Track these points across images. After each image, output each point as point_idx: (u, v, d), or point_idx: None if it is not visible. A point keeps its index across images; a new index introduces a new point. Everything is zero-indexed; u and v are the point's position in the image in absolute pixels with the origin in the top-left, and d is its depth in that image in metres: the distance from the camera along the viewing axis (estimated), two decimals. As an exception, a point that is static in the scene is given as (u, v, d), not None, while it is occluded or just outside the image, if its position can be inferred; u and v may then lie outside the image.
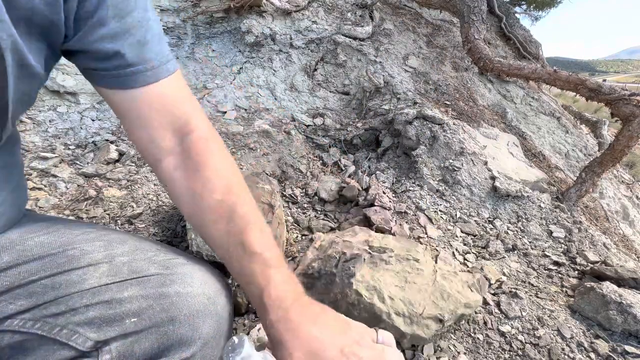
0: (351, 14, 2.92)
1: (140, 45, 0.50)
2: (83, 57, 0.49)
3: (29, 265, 0.47)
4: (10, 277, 0.45)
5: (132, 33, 0.49)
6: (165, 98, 0.53)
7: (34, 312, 0.44)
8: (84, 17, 0.46)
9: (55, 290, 0.45)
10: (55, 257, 0.48)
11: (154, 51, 0.52)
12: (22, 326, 0.43)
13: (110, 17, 0.47)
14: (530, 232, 1.67)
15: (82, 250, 0.49)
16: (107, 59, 0.49)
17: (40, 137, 1.83)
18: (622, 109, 1.82)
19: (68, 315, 0.44)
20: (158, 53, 0.53)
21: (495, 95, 2.87)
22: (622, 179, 2.99)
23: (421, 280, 1.06)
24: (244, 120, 2.19)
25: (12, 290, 0.45)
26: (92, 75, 0.52)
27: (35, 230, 0.51)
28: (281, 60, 2.52)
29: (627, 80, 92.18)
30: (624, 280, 1.29)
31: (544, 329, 1.13)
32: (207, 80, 2.40)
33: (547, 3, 5.26)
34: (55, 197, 1.53)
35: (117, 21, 0.48)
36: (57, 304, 0.45)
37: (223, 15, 2.59)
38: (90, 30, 0.47)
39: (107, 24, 0.47)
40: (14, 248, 0.48)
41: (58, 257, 0.48)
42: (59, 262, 0.47)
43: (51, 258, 0.48)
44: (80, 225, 0.56)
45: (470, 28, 2.66)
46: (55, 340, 0.43)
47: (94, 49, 0.48)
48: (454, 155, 1.89)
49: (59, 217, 1.07)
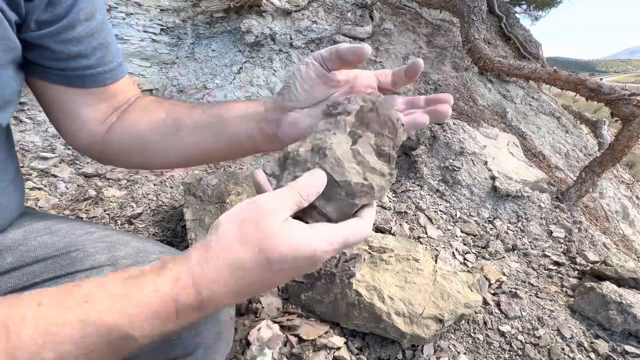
0: (351, 14, 2.92)
1: (103, 47, 0.51)
2: (41, 53, 0.47)
3: (33, 267, 0.46)
4: (15, 279, 0.45)
5: (95, 36, 0.50)
6: (118, 95, 0.55)
7: None
8: (54, 19, 0.45)
9: None
10: (58, 259, 0.48)
11: (113, 53, 0.53)
12: None
13: (81, 20, 0.47)
14: (530, 232, 1.67)
15: (85, 252, 0.49)
16: (70, 60, 0.49)
17: (40, 137, 1.82)
18: (622, 109, 1.82)
19: None
20: (116, 55, 0.54)
21: (495, 95, 2.87)
22: (622, 178, 2.99)
23: (421, 280, 1.06)
24: (244, 120, 2.19)
25: (15, 292, 0.45)
26: (41, 71, 0.49)
27: (37, 230, 0.51)
28: (281, 60, 2.52)
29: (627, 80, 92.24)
30: (624, 280, 1.29)
31: (544, 329, 1.13)
32: (207, 80, 2.40)
33: (547, 3, 5.26)
34: (55, 197, 1.53)
35: (84, 24, 0.48)
36: None
37: (223, 15, 2.58)
38: (58, 31, 0.46)
39: (76, 28, 0.47)
40: (17, 249, 0.47)
41: (61, 259, 0.48)
42: (62, 264, 0.47)
43: (54, 260, 0.48)
44: (82, 224, 0.56)
45: (470, 28, 2.65)
46: None
47: (59, 49, 0.47)
48: (454, 155, 1.89)
49: (61, 216, 1.07)
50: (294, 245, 0.33)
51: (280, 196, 0.35)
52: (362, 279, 1.03)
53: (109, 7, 2.18)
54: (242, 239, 0.32)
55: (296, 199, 0.35)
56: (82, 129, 0.54)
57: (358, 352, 0.99)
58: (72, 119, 0.53)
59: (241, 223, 0.33)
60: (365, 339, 1.02)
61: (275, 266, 0.33)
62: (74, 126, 0.54)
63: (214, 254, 0.32)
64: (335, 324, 1.03)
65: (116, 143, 0.55)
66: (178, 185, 1.73)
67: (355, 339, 1.02)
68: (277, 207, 0.34)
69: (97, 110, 0.53)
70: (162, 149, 0.54)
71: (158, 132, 0.53)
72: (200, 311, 0.33)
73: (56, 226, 0.52)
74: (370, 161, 0.40)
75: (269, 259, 0.32)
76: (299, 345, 0.95)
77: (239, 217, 0.34)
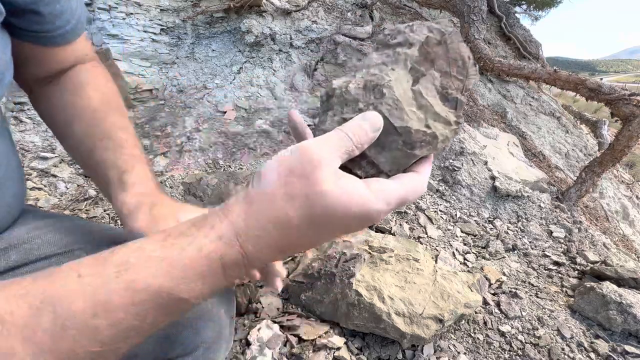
0: (351, 14, 2.92)
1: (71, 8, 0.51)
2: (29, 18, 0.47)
3: (36, 265, 0.46)
4: (19, 276, 0.45)
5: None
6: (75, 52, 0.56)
7: None
8: None
9: None
10: (61, 257, 0.48)
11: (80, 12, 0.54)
12: None
13: None
14: (530, 232, 1.67)
15: (88, 252, 0.49)
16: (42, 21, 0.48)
17: (40, 137, 1.82)
18: (622, 109, 1.82)
19: None
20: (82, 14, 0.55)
21: (495, 95, 2.87)
22: (622, 178, 2.99)
23: (421, 280, 1.06)
24: (244, 120, 2.19)
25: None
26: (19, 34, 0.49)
27: (41, 227, 0.51)
28: (281, 60, 2.52)
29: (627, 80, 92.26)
30: (624, 280, 1.29)
31: (544, 329, 1.13)
32: (207, 80, 2.40)
33: (547, 3, 5.26)
34: (55, 197, 1.53)
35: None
36: None
37: (223, 15, 2.59)
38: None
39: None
40: (21, 246, 0.47)
41: (64, 257, 0.48)
42: (66, 263, 0.47)
43: (58, 258, 0.48)
44: (84, 223, 0.56)
45: (470, 28, 2.65)
46: None
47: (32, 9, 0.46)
48: (454, 155, 1.89)
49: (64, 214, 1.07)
50: (347, 203, 0.29)
51: (329, 142, 0.30)
52: (362, 279, 1.03)
53: (108, 7, 2.18)
54: (288, 194, 0.29)
55: (347, 146, 0.31)
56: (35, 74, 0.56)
57: (358, 352, 0.99)
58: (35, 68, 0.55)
59: (287, 174, 0.29)
60: (365, 339, 1.02)
61: (325, 225, 0.30)
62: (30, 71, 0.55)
63: (257, 209, 0.29)
64: (335, 324, 1.03)
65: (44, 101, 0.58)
66: (178, 185, 1.73)
67: (355, 339, 1.02)
68: (327, 156, 0.30)
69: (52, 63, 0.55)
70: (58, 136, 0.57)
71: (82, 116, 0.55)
72: (248, 267, 0.31)
73: (59, 224, 0.53)
74: (434, 105, 0.34)
75: (319, 217, 0.29)
76: (298, 346, 0.95)
77: (284, 166, 0.30)
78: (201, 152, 1.97)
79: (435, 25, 0.36)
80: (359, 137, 0.31)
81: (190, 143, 1.99)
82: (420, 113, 0.33)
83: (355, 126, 0.31)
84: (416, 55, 0.34)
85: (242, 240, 0.29)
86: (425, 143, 0.34)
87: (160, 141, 2.04)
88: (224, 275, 0.30)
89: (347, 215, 0.29)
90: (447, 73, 0.35)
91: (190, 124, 2.15)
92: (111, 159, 0.52)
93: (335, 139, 0.31)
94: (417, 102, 0.33)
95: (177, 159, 1.91)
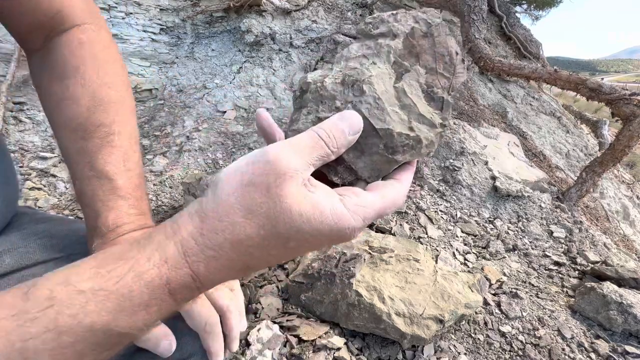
0: (351, 13, 2.92)
1: None
2: None
3: (32, 270, 0.45)
4: (15, 280, 0.44)
5: None
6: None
7: None
8: None
9: None
10: (59, 262, 0.47)
11: None
12: None
13: None
14: (531, 232, 1.67)
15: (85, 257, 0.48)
16: None
17: (40, 137, 1.82)
18: (623, 109, 1.82)
19: None
20: None
21: (495, 95, 2.87)
22: (623, 178, 2.99)
23: (421, 281, 1.06)
24: (243, 120, 2.19)
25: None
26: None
27: (36, 231, 0.50)
28: (281, 59, 2.52)
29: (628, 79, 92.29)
30: (624, 280, 1.29)
31: (544, 329, 1.13)
32: (206, 79, 2.40)
33: (548, 2, 5.25)
34: (55, 197, 1.53)
35: None
36: None
37: (223, 15, 2.58)
38: None
39: None
40: (15, 250, 0.46)
41: (62, 262, 0.46)
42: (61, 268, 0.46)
43: (55, 262, 0.47)
44: (82, 227, 0.55)
45: (470, 27, 2.65)
46: None
47: None
48: (454, 155, 1.89)
49: (59, 216, 1.07)
50: (318, 220, 0.25)
51: (300, 147, 0.26)
52: (362, 279, 1.03)
53: (108, 7, 2.18)
54: (248, 210, 0.25)
55: (321, 151, 0.27)
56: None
57: (358, 352, 0.99)
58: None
59: (247, 187, 0.25)
60: (365, 340, 1.02)
61: (292, 243, 0.26)
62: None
63: (211, 227, 0.25)
64: (335, 325, 1.03)
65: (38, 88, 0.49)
66: (177, 185, 1.73)
67: (356, 339, 1.02)
68: (295, 165, 0.25)
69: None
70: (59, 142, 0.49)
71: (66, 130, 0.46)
72: (202, 289, 0.27)
73: (56, 228, 0.51)
74: (419, 105, 0.31)
75: (284, 235, 0.26)
76: (298, 346, 0.95)
77: (244, 177, 0.26)
78: (201, 151, 1.97)
79: (421, 14, 0.33)
80: (336, 140, 0.27)
81: (190, 143, 1.99)
82: (403, 114, 0.30)
83: (331, 127, 0.28)
84: (400, 48, 0.31)
85: (192, 260, 0.25)
86: (408, 147, 0.31)
87: (159, 141, 2.04)
88: (173, 300, 0.26)
89: (317, 233, 0.26)
90: (433, 69, 0.32)
91: (190, 123, 2.15)
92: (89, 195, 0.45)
93: (308, 143, 0.27)
94: (400, 102, 0.30)
95: (177, 159, 1.91)
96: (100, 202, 0.44)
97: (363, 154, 0.30)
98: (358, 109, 0.29)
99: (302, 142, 0.27)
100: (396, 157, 0.30)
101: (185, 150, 1.95)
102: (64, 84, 0.46)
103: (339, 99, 0.30)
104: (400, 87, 0.31)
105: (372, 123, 0.29)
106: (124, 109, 0.48)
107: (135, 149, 0.48)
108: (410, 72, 0.31)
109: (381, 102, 0.29)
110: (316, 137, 0.27)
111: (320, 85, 0.31)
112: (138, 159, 0.48)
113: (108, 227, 0.43)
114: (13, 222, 0.51)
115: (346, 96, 0.30)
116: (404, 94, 0.31)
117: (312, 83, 0.31)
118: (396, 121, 0.30)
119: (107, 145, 0.45)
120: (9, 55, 1.93)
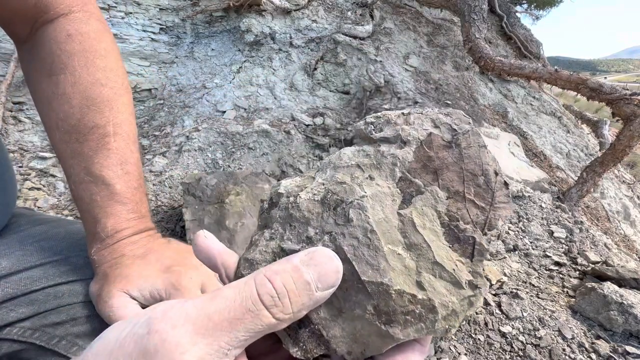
0: (351, 13, 2.92)
1: None
2: None
3: (30, 273, 0.45)
4: (12, 283, 0.44)
5: None
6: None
7: (34, 320, 0.43)
8: None
9: (58, 299, 0.44)
10: (57, 265, 0.46)
11: None
12: (20, 335, 0.42)
13: None
14: (532, 232, 1.66)
15: (86, 259, 0.47)
16: None
17: (39, 137, 1.82)
18: (624, 109, 1.82)
19: (68, 325, 0.43)
20: None
21: (496, 95, 2.87)
22: (624, 178, 2.98)
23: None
24: (243, 119, 2.19)
25: (15, 298, 0.43)
26: None
27: (34, 233, 0.49)
28: (281, 59, 2.51)
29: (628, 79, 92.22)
30: (625, 281, 1.28)
31: (545, 330, 1.12)
32: (206, 79, 2.39)
33: (548, 2, 5.25)
34: (54, 197, 1.53)
35: None
36: (57, 312, 0.43)
37: (222, 14, 2.58)
38: None
39: None
40: (13, 254, 0.46)
41: (60, 265, 0.46)
42: (62, 270, 0.46)
43: (53, 265, 0.46)
44: (79, 229, 0.54)
45: (471, 27, 2.65)
46: (53, 352, 0.42)
47: None
48: (454, 155, 1.89)
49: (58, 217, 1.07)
50: None
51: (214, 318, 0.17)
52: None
53: (107, 6, 2.18)
54: None
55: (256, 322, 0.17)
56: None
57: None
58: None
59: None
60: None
61: None
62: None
63: None
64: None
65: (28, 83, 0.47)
66: (177, 186, 1.73)
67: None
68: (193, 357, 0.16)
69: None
70: (53, 143, 0.47)
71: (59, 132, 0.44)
72: None
73: (54, 230, 0.51)
74: (435, 248, 0.21)
75: None
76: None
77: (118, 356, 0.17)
78: (200, 151, 1.97)
79: (443, 117, 0.24)
80: (290, 300, 0.18)
81: (190, 143, 1.99)
82: (409, 259, 0.21)
83: (287, 276, 0.18)
84: (411, 160, 0.23)
85: None
86: (413, 317, 0.20)
87: (159, 141, 2.04)
88: None
89: None
90: (460, 194, 0.23)
91: (190, 123, 2.15)
92: (87, 200, 0.43)
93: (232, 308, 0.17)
94: (406, 238, 0.21)
95: (176, 159, 1.91)
96: (98, 209, 0.43)
97: (341, 314, 0.20)
98: (338, 245, 0.20)
99: (222, 306, 0.17)
100: (393, 330, 0.20)
101: (184, 150, 1.95)
102: (53, 80, 0.43)
103: (314, 226, 0.21)
104: (407, 215, 0.22)
105: (357, 270, 0.20)
106: (119, 107, 0.46)
107: (133, 149, 0.46)
108: (423, 195, 0.22)
109: (375, 237, 0.20)
110: (253, 295, 0.17)
111: (292, 200, 0.22)
112: (136, 160, 0.47)
113: (107, 233, 0.42)
114: (10, 225, 0.51)
115: (324, 223, 0.21)
116: (412, 227, 0.21)
117: (284, 195, 0.23)
118: (397, 270, 0.20)
119: (102, 148, 0.43)
120: (9, 55, 1.92)
